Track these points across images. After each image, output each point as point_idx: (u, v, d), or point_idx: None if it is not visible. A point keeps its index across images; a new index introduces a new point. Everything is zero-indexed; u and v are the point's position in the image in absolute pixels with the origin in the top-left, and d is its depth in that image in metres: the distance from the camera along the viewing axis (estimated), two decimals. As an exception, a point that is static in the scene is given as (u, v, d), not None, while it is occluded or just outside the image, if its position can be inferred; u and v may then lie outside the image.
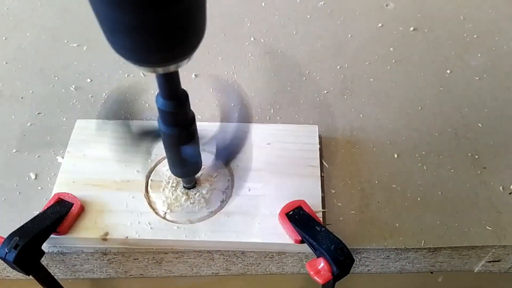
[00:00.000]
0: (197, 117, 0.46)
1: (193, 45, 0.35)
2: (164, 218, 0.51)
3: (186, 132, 0.44)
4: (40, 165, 0.58)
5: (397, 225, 0.53)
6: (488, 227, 0.53)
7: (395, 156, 0.60)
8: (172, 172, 0.51)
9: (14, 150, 0.60)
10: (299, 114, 0.64)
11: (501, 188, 0.57)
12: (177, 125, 0.43)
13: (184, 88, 0.41)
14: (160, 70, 0.36)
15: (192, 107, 0.43)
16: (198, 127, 0.46)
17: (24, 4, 0.80)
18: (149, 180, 0.54)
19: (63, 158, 0.57)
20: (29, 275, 0.46)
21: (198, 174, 0.53)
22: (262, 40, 0.75)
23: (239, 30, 0.76)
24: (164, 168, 0.55)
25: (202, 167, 0.51)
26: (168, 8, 0.30)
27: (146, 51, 0.33)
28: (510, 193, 0.56)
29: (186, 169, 0.50)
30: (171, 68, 0.36)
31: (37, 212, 0.49)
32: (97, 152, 0.57)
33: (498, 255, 0.54)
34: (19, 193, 0.55)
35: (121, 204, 0.52)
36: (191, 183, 0.53)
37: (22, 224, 0.46)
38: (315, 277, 0.43)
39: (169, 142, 0.45)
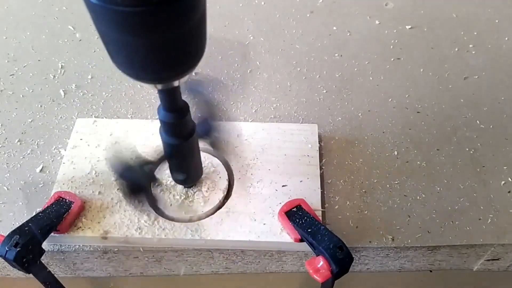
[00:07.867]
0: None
1: (194, 63, 0.35)
2: (164, 217, 0.51)
3: (187, 142, 0.44)
4: (41, 164, 0.58)
5: (396, 223, 0.53)
6: (487, 226, 0.53)
7: (394, 154, 0.60)
8: (174, 179, 0.51)
9: (15, 149, 0.60)
10: (299, 113, 0.64)
11: (500, 186, 0.57)
12: (179, 135, 0.43)
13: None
14: (161, 86, 0.37)
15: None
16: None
17: (24, 3, 0.80)
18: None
19: (63, 156, 0.57)
20: (29, 274, 0.46)
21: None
22: (261, 39, 0.75)
23: (239, 30, 0.76)
24: (165, 167, 0.55)
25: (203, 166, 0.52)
26: (170, 30, 0.30)
27: (148, 71, 0.33)
28: (509, 192, 0.56)
29: (187, 177, 0.50)
30: (172, 84, 0.36)
31: (38, 211, 0.49)
32: (97, 150, 0.57)
33: (497, 254, 0.55)
34: (20, 191, 0.56)
35: (121, 203, 0.52)
36: (191, 183, 0.53)
37: (22, 222, 0.47)
38: (315, 276, 0.43)
39: (170, 151, 0.45)
